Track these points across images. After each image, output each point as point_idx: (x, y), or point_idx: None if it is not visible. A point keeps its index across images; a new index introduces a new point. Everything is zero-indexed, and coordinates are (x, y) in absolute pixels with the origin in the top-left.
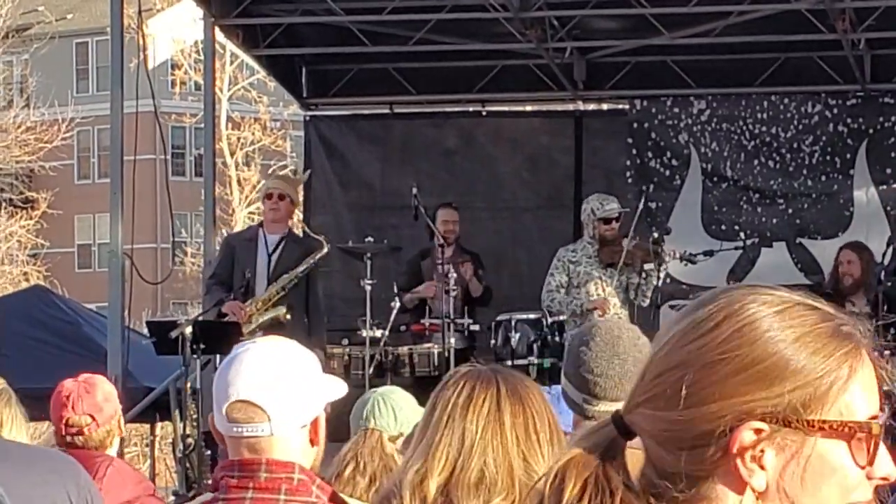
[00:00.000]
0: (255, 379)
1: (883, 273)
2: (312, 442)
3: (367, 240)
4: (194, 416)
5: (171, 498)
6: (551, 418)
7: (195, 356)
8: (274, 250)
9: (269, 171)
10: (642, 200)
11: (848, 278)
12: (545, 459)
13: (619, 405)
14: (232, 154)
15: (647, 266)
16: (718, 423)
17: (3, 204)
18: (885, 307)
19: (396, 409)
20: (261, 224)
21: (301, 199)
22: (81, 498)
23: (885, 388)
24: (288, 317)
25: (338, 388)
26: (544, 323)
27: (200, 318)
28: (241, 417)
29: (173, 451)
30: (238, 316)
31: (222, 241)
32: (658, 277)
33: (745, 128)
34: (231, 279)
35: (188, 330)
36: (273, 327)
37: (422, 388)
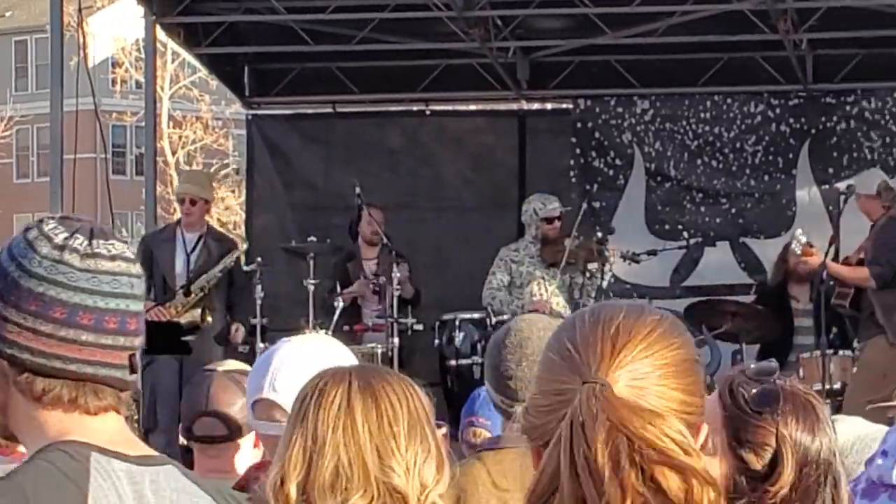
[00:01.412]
0: (289, 379)
1: (825, 272)
2: None
3: (309, 239)
4: (136, 418)
5: None
6: (412, 412)
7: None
8: (193, 249)
9: (212, 169)
10: (585, 200)
11: (802, 266)
12: (402, 454)
13: None
14: (173, 153)
15: (591, 266)
16: None
17: None
18: (825, 307)
19: None
20: (178, 221)
21: (244, 198)
22: None
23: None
24: (209, 319)
25: None
26: (488, 322)
27: (147, 314)
28: (265, 416)
29: None
30: (159, 320)
31: (139, 241)
32: (603, 277)
33: (688, 127)
34: (150, 279)
35: None
36: (194, 329)
37: None
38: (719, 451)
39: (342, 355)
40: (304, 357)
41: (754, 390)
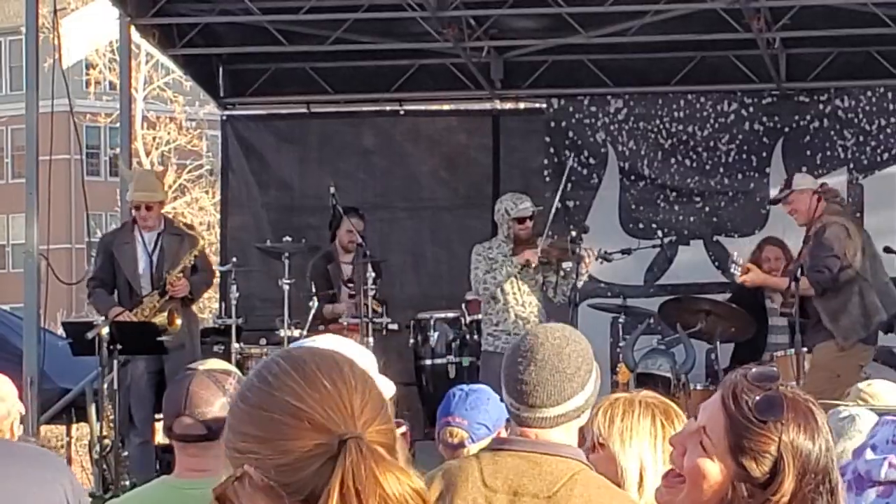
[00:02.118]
0: None
1: (799, 271)
2: None
3: (285, 239)
4: (111, 417)
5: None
6: None
7: (112, 357)
8: (154, 249)
9: (185, 171)
10: (557, 198)
11: (774, 274)
12: None
13: (538, 411)
14: (147, 154)
15: (564, 265)
16: None
17: None
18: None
19: None
20: (135, 220)
21: (219, 199)
22: (76, 497)
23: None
24: (179, 321)
25: (388, 388)
26: (462, 322)
27: (118, 319)
28: None
29: (90, 452)
30: (132, 321)
31: (99, 242)
32: (577, 276)
33: (661, 126)
34: (113, 280)
35: (105, 331)
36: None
37: None
38: (718, 457)
39: (362, 355)
40: None
41: (757, 397)
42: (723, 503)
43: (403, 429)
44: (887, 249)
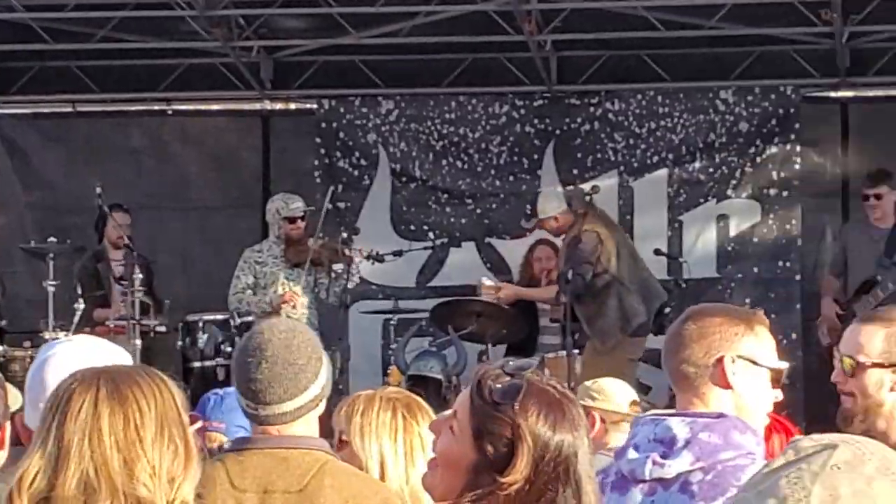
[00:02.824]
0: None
1: (571, 272)
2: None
3: (49, 240)
4: None
5: None
6: (161, 413)
7: None
8: None
9: None
10: (327, 199)
11: (545, 274)
12: (150, 458)
13: (276, 408)
14: None
15: (336, 266)
16: None
17: None
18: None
19: None
20: None
21: None
22: None
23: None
24: None
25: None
26: (232, 324)
27: None
28: None
29: None
30: None
31: None
32: (348, 277)
33: (433, 128)
34: None
35: None
36: None
37: None
38: (464, 441)
39: (113, 354)
40: (78, 357)
41: (499, 384)
42: (469, 485)
43: (199, 423)
44: (657, 252)
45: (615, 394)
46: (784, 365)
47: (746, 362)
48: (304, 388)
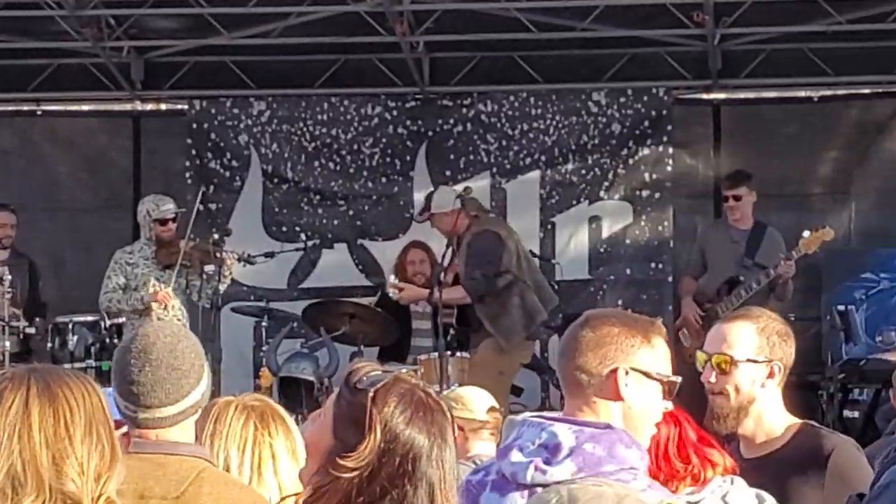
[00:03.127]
0: None
1: (443, 274)
2: None
3: None
4: None
5: None
6: (89, 412)
7: None
8: None
9: None
10: (198, 200)
11: (420, 277)
12: (77, 456)
13: (157, 412)
14: None
15: (207, 268)
16: None
17: None
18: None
19: None
20: None
21: None
22: None
23: (446, 387)
24: None
25: None
26: (102, 325)
27: None
28: None
29: None
30: None
31: None
32: (220, 279)
33: (305, 129)
34: None
35: None
36: None
37: None
38: (326, 428)
39: None
40: None
41: (368, 377)
42: (322, 470)
43: (125, 428)
44: (531, 254)
45: (473, 400)
46: (678, 379)
47: (640, 375)
48: (185, 394)
